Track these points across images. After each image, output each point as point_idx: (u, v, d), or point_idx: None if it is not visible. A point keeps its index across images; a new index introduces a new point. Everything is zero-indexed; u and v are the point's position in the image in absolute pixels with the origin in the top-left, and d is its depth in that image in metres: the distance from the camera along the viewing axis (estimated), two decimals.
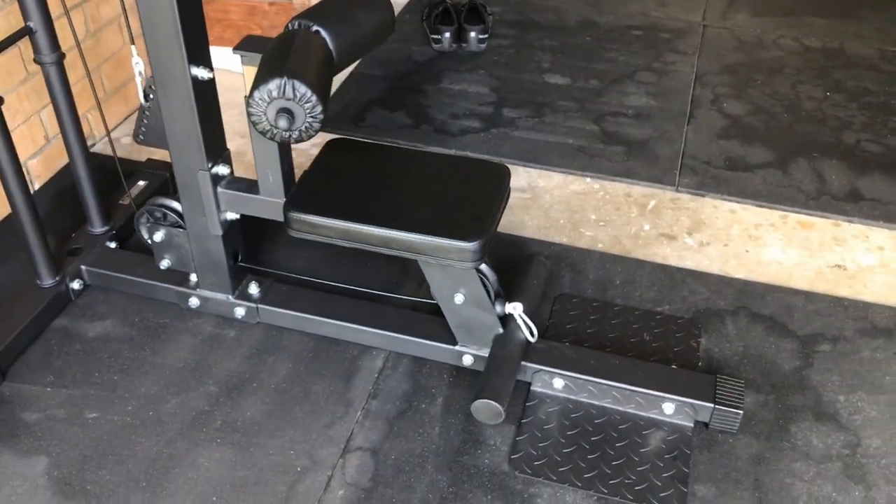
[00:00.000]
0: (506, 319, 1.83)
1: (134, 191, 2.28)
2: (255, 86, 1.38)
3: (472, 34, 3.12)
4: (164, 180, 2.31)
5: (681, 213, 2.42)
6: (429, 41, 3.18)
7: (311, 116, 1.40)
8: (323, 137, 2.68)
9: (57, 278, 2.03)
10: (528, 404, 1.85)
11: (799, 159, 2.62)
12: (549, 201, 2.46)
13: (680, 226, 2.37)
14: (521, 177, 2.55)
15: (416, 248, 1.60)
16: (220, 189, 1.80)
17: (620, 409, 1.83)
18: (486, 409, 1.69)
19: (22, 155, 2.36)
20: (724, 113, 2.83)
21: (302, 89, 1.37)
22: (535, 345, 1.86)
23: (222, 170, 1.79)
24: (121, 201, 2.25)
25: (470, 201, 1.68)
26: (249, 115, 1.42)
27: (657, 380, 1.81)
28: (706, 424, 1.79)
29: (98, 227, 2.16)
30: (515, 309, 1.81)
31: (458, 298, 1.77)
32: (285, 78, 1.36)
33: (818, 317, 2.08)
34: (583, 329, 2.03)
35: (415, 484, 1.69)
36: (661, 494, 1.67)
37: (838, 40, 3.24)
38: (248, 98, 1.41)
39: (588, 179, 2.55)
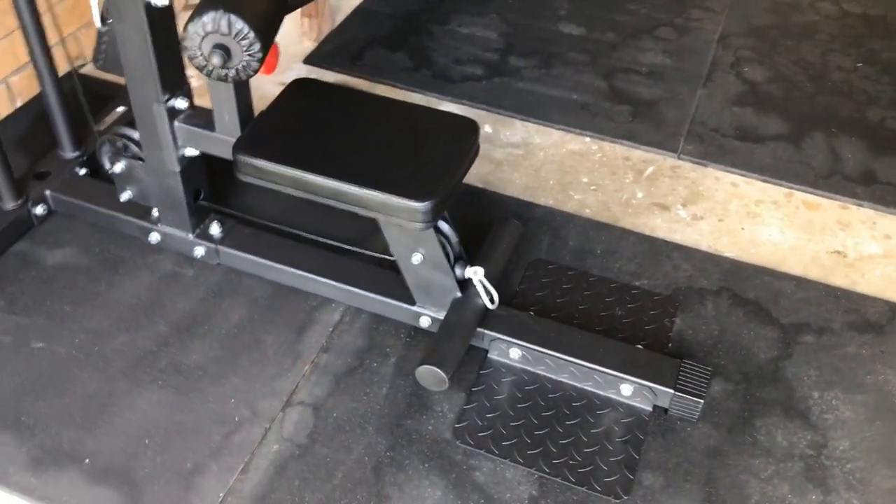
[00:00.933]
0: (466, 283, 1.75)
1: (111, 117, 2.21)
2: (191, 18, 1.29)
3: None
4: None
5: (678, 183, 2.28)
6: None
7: (249, 54, 1.31)
8: (320, 75, 2.59)
9: (20, 202, 1.99)
10: (482, 372, 1.77)
11: (815, 133, 2.45)
12: (542, 160, 2.34)
13: (675, 196, 2.24)
14: (517, 131, 2.43)
15: (366, 203, 1.51)
16: (177, 123, 1.73)
17: (577, 385, 1.75)
18: (429, 375, 1.62)
19: (3, 71, 2.31)
20: (743, 78, 2.65)
21: (239, 24, 1.27)
22: (497, 311, 1.77)
23: (180, 103, 1.70)
24: (96, 127, 2.19)
25: (430, 158, 1.58)
26: (183, 49, 1.33)
27: (619, 359, 1.71)
28: (665, 410, 1.71)
29: (69, 153, 2.10)
30: (476, 274, 1.72)
31: (416, 258, 1.68)
32: (221, 11, 1.27)
33: (806, 305, 1.96)
34: (552, 298, 1.93)
35: (352, 445, 1.64)
36: (605, 479, 1.60)
37: (882, 7, 3.01)
38: (183, 31, 1.32)
39: (587, 139, 2.42)
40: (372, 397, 1.72)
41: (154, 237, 1.96)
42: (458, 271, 1.73)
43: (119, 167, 1.88)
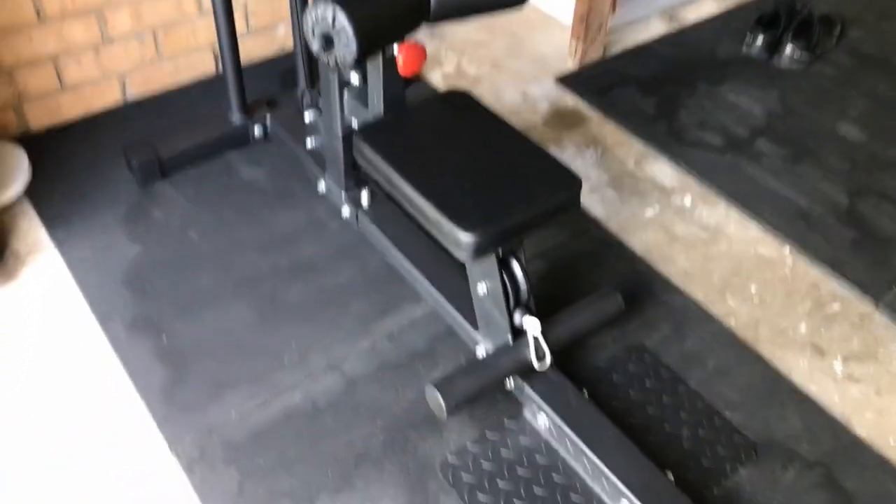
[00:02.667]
0: (522, 332, 1.72)
1: None
2: (315, 4, 1.44)
3: (789, 49, 2.71)
4: None
5: (856, 334, 1.96)
6: (743, 40, 2.84)
7: (346, 49, 1.43)
8: (561, 96, 2.62)
9: (245, 120, 2.34)
10: (506, 421, 1.74)
11: None
12: (721, 252, 2.15)
13: (842, 346, 1.93)
14: (716, 215, 2.25)
15: (428, 219, 1.56)
16: (346, 94, 1.91)
17: (586, 482, 1.64)
18: (432, 397, 1.64)
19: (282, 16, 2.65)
20: None
21: (341, 20, 1.40)
22: (547, 373, 1.72)
23: (353, 77, 1.88)
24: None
25: (509, 196, 1.57)
26: (304, 29, 1.49)
27: (636, 474, 1.58)
28: None
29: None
30: (530, 325, 1.68)
31: (481, 289, 1.69)
32: (332, 5, 1.40)
33: None
34: (625, 389, 1.81)
35: (354, 427, 1.73)
36: None
37: None
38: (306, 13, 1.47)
39: (786, 249, 2.16)
40: (399, 396, 1.79)
41: (321, 186, 2.19)
42: (516, 317, 1.71)
43: (308, 117, 2.13)
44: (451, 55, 2.80)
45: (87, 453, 1.67)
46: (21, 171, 2.23)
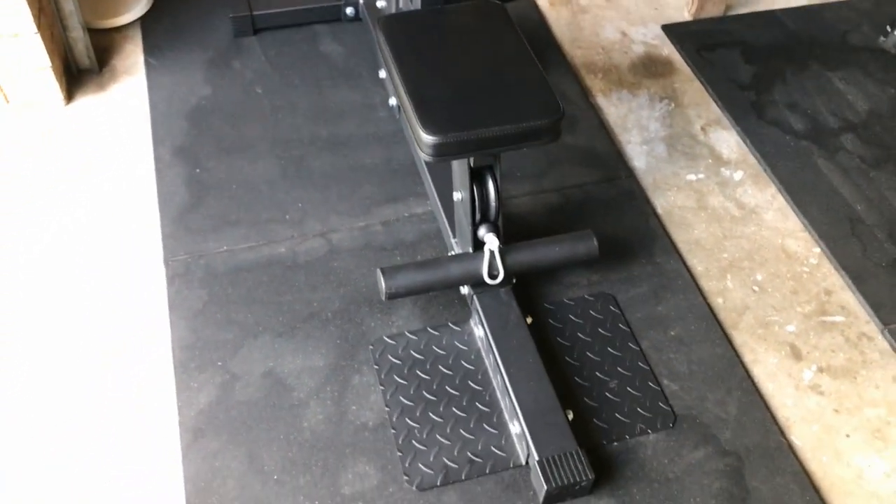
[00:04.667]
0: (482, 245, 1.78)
1: None
2: None
3: None
4: None
5: (845, 351, 1.86)
6: (883, 31, 2.60)
7: None
8: (656, 46, 2.55)
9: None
10: (450, 324, 1.84)
11: None
12: (744, 233, 2.08)
13: (822, 357, 1.84)
14: (760, 197, 2.16)
15: (405, 113, 1.63)
16: None
17: (495, 395, 1.72)
18: (379, 280, 1.76)
19: None
20: None
21: None
22: (497, 290, 1.79)
23: None
24: None
25: (487, 108, 1.61)
26: None
27: (533, 402, 1.64)
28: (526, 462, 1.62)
29: None
30: (488, 240, 1.75)
31: (456, 196, 1.78)
32: None
33: None
34: (576, 328, 1.85)
35: (317, 289, 1.89)
36: (421, 467, 1.62)
37: None
38: None
39: (816, 249, 2.05)
40: (368, 275, 1.92)
41: (382, 72, 2.31)
42: (480, 230, 1.77)
43: (381, 2, 2.24)
44: None
45: (92, 239, 1.95)
46: (142, 1, 2.52)
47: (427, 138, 1.56)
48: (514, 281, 1.84)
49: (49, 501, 1.55)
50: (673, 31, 2.60)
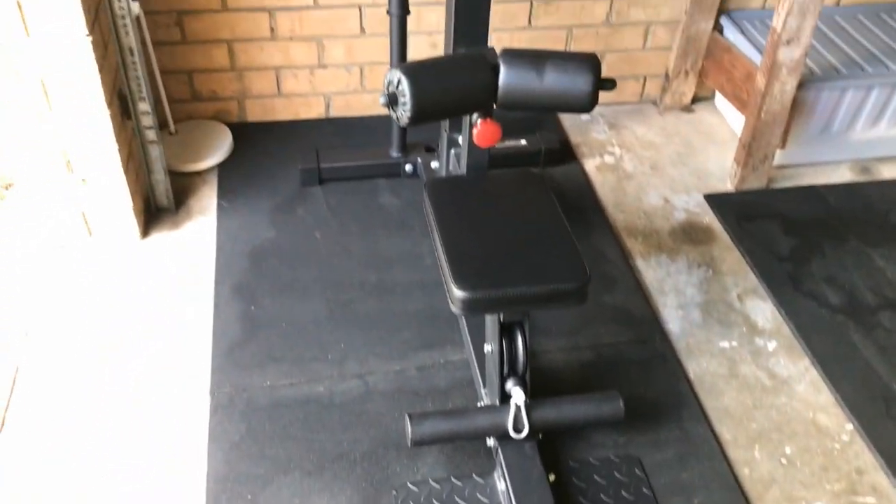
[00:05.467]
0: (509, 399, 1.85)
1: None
2: (391, 68, 1.72)
3: None
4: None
5: None
6: None
7: (403, 110, 1.69)
8: (697, 216, 2.66)
9: (400, 156, 2.69)
10: (475, 475, 1.88)
11: None
12: (775, 404, 2.09)
13: None
14: (793, 369, 2.18)
15: (441, 267, 1.75)
16: (452, 151, 2.17)
17: None
18: (406, 426, 1.83)
19: None
20: None
21: (403, 86, 1.66)
22: (522, 444, 1.84)
23: (459, 139, 2.14)
24: None
25: (517, 269, 1.71)
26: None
27: None
28: None
29: None
30: (515, 394, 1.81)
31: (487, 348, 1.86)
32: (400, 72, 1.67)
33: None
34: (599, 490, 1.86)
35: (349, 429, 1.97)
36: None
37: None
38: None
39: (848, 426, 2.04)
40: (398, 419, 2.00)
41: None
42: (508, 384, 1.84)
43: (434, 164, 2.43)
44: (616, 149, 2.94)
45: (149, 365, 2.09)
46: (223, 149, 2.77)
47: (458, 293, 1.67)
48: (541, 436, 1.89)
49: None
50: (715, 200, 2.71)
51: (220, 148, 2.77)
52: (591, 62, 1.76)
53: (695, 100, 3.17)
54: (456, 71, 1.74)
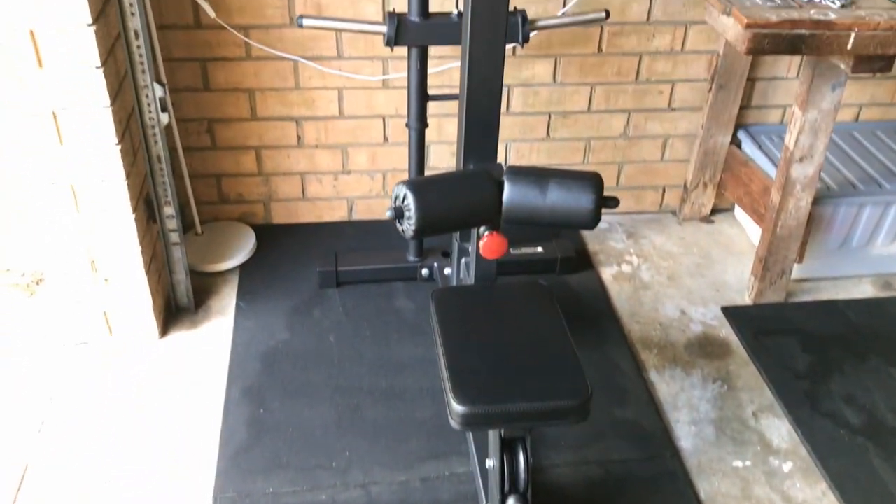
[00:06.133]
0: None
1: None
2: (399, 183, 1.77)
3: None
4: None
5: None
6: None
7: (408, 224, 1.73)
8: (714, 328, 2.64)
9: (417, 261, 2.73)
10: None
11: None
12: None
13: None
14: (809, 493, 2.11)
15: (441, 379, 1.76)
16: (463, 260, 2.20)
17: None
18: None
19: None
20: None
21: (409, 201, 1.71)
22: None
23: (469, 248, 2.17)
24: None
25: (518, 384, 1.71)
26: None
27: None
28: None
29: None
30: None
31: (488, 463, 1.84)
32: (407, 188, 1.72)
33: None
34: None
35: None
36: None
37: None
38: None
39: None
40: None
41: None
42: (509, 501, 1.81)
43: (447, 271, 2.46)
44: (634, 258, 2.95)
45: (156, 467, 2.10)
46: (246, 250, 2.85)
47: (457, 408, 1.67)
48: None
49: None
50: (732, 313, 2.69)
51: (243, 249, 2.84)
52: (593, 180, 1.79)
53: (714, 211, 3.19)
54: (461, 187, 1.79)
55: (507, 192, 1.79)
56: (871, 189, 2.73)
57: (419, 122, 2.46)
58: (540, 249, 2.82)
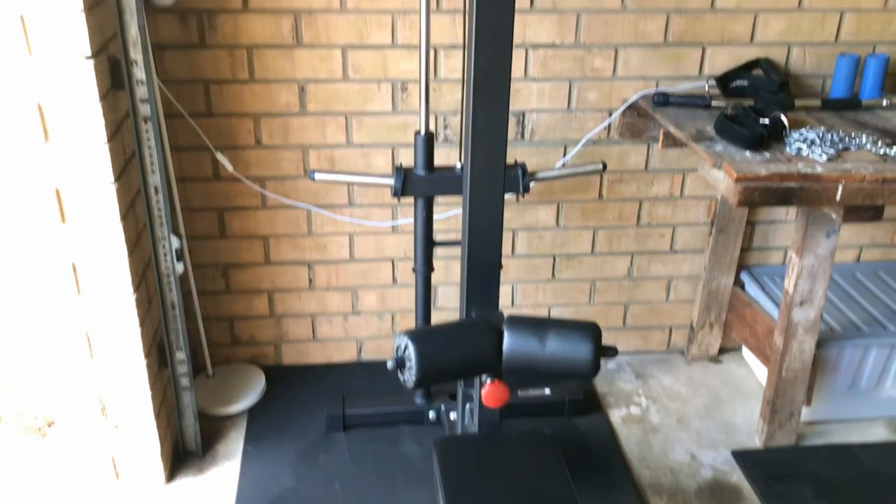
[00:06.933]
0: None
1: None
2: (400, 333, 1.82)
3: None
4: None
5: None
6: None
7: (409, 374, 1.76)
8: (716, 479, 2.60)
9: (424, 405, 2.74)
10: None
11: None
12: None
13: None
14: None
15: None
16: (468, 405, 2.22)
17: None
18: None
19: None
20: None
21: (411, 353, 1.75)
22: None
23: (473, 394, 2.19)
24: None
25: None
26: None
27: None
28: None
29: None
30: None
31: None
32: (409, 340, 1.76)
33: None
34: None
35: None
36: None
37: None
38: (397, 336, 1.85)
39: None
40: None
41: None
42: None
43: (453, 416, 2.47)
44: (643, 399, 2.95)
45: None
46: (256, 393, 2.88)
47: None
48: None
49: None
50: (742, 457, 2.65)
51: (252, 392, 2.87)
52: (591, 330, 1.84)
53: (722, 350, 3.20)
54: (461, 338, 1.84)
55: (507, 341, 1.83)
56: (875, 331, 2.74)
57: (425, 267, 2.54)
58: (547, 392, 2.83)
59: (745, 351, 3.17)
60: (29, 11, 1.88)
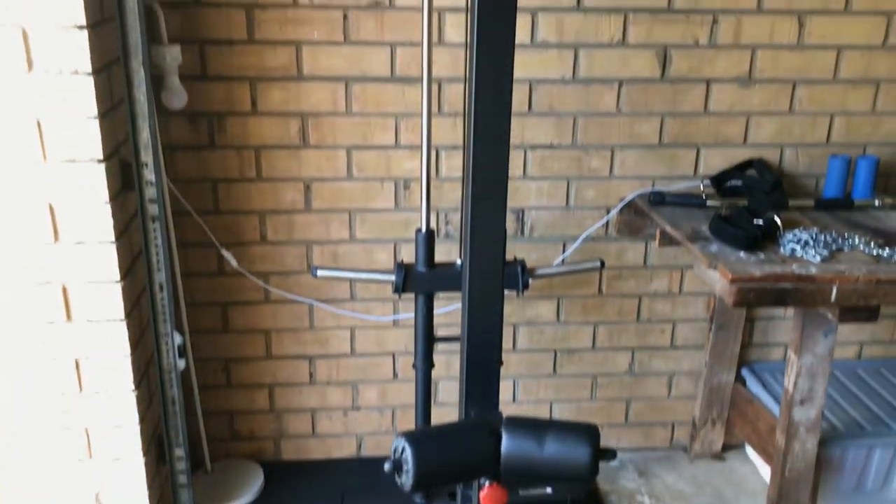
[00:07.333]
0: None
1: None
2: (398, 435, 1.82)
3: None
4: None
5: None
6: None
7: (406, 477, 1.75)
8: None
9: (423, 503, 2.71)
10: None
11: None
12: None
13: None
14: None
15: None
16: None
17: None
18: None
19: None
20: None
21: (408, 457, 1.74)
22: None
23: (474, 496, 2.17)
24: None
25: None
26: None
27: None
28: None
29: None
30: None
31: None
32: (406, 443, 1.76)
33: None
34: None
35: None
36: None
37: None
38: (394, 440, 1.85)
39: None
40: None
41: None
42: None
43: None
44: (646, 499, 2.90)
45: None
46: (254, 491, 2.84)
47: None
48: None
49: None
50: None
51: (250, 489, 2.83)
52: (590, 433, 1.83)
53: (726, 447, 3.16)
54: (458, 441, 1.83)
55: (505, 444, 1.83)
56: (879, 430, 2.71)
57: (425, 364, 2.55)
58: (549, 490, 2.79)
59: (749, 448, 3.14)
60: (45, 117, 1.95)
